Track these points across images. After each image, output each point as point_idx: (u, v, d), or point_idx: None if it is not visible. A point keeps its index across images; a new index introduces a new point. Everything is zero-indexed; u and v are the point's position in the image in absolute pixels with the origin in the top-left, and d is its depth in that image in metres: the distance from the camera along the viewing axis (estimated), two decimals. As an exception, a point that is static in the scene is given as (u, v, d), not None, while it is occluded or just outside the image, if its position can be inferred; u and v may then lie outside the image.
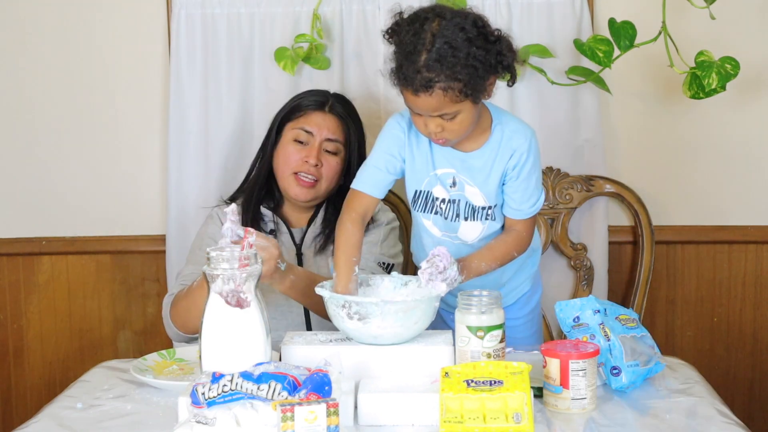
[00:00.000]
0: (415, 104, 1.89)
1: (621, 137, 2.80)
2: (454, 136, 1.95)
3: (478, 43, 1.84)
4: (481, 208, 2.06)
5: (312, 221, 2.39)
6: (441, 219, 2.09)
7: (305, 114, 2.37)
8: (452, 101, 1.86)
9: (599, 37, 2.55)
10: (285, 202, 2.41)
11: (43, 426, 1.73)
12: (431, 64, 1.82)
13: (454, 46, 1.82)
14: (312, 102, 2.39)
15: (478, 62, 1.84)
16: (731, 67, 2.46)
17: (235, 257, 1.69)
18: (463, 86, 1.84)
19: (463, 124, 1.92)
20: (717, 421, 1.69)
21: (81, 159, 2.85)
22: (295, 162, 2.32)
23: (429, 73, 1.83)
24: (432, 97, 1.85)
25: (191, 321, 2.12)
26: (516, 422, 1.58)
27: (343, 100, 2.43)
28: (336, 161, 2.35)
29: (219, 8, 2.72)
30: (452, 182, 2.05)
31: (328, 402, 1.51)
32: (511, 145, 2.01)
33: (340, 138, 2.36)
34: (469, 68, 1.83)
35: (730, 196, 2.80)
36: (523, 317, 2.28)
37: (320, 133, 2.34)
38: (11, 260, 2.89)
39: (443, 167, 2.04)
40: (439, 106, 1.87)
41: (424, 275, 1.86)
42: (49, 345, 2.91)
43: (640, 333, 1.91)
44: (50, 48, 2.81)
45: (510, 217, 2.07)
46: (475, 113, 1.93)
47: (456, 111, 1.89)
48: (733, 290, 2.83)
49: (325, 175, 2.33)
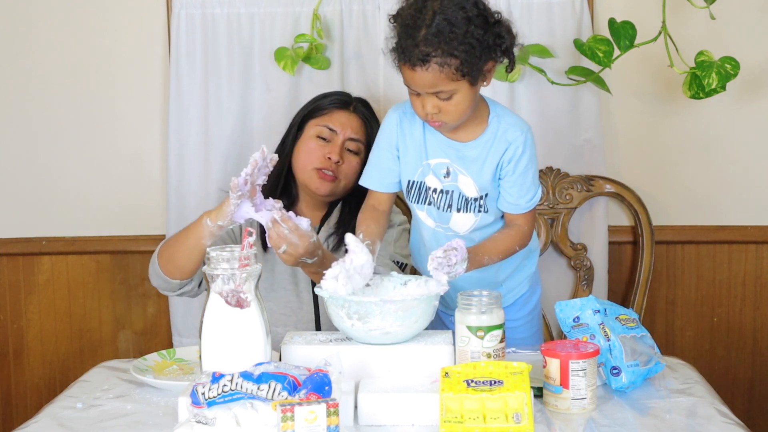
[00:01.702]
0: (413, 80, 1.91)
1: (621, 137, 2.80)
2: (450, 118, 1.96)
3: (477, 22, 1.87)
4: (473, 199, 2.07)
5: (325, 220, 2.39)
6: (434, 209, 2.10)
7: (329, 112, 2.38)
8: (448, 78, 1.88)
9: (599, 37, 2.55)
10: (300, 200, 2.42)
11: (43, 426, 1.73)
12: (429, 38, 1.85)
13: (453, 23, 1.85)
14: (336, 101, 2.41)
15: (475, 41, 1.87)
16: (731, 67, 2.46)
17: (235, 257, 1.69)
18: (460, 63, 1.86)
19: (459, 106, 1.94)
20: (717, 421, 1.69)
21: (81, 159, 2.85)
22: (317, 158, 2.33)
23: (426, 47, 1.85)
24: (428, 72, 1.87)
25: (176, 255, 2.13)
26: (516, 422, 1.58)
27: (365, 103, 2.46)
28: (356, 161, 2.36)
29: (219, 8, 2.72)
30: (446, 172, 2.06)
31: (328, 402, 1.51)
32: (506, 137, 2.02)
33: (362, 138, 2.37)
34: (466, 46, 1.86)
35: (730, 196, 2.80)
36: (523, 318, 2.28)
37: (344, 131, 2.35)
38: (11, 260, 2.89)
39: (437, 157, 2.06)
40: (435, 82, 1.89)
41: (434, 263, 1.86)
42: (49, 345, 2.91)
43: (640, 333, 1.91)
44: (50, 48, 2.81)
45: (509, 213, 2.08)
46: (471, 97, 1.95)
47: (452, 90, 1.90)
48: (733, 290, 2.83)
49: (344, 173, 2.35)
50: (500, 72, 2.60)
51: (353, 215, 2.31)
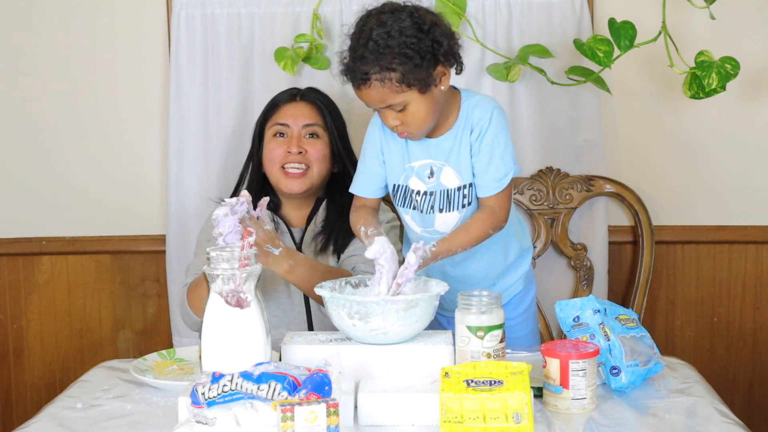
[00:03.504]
0: (363, 99, 1.96)
1: (621, 137, 2.80)
2: (414, 129, 1.98)
3: (409, 32, 1.89)
4: (456, 189, 2.07)
5: (311, 219, 2.39)
6: (418, 214, 2.11)
7: (278, 109, 2.39)
8: (393, 91, 1.91)
9: (599, 37, 2.55)
10: (284, 203, 2.42)
11: (43, 426, 1.73)
12: (366, 57, 1.89)
13: (387, 38, 1.88)
14: (283, 96, 2.41)
15: (410, 50, 1.89)
16: (731, 67, 2.46)
17: (235, 257, 1.69)
18: (401, 75, 1.89)
19: (417, 115, 1.95)
20: (716, 420, 1.69)
21: (81, 159, 2.85)
22: (279, 155, 2.33)
23: (364, 65, 1.90)
24: (372, 89, 1.91)
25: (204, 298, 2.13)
26: (516, 422, 1.58)
27: (314, 90, 2.45)
28: (320, 144, 2.35)
29: (219, 8, 2.72)
30: (429, 172, 2.08)
31: (328, 402, 1.50)
32: (472, 118, 2.04)
33: (318, 122, 2.37)
34: (401, 57, 1.88)
35: (730, 196, 2.80)
36: (518, 317, 2.28)
37: (296, 122, 2.35)
38: (11, 260, 2.89)
39: (419, 159, 2.07)
40: (382, 98, 1.92)
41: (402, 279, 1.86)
42: (49, 345, 2.92)
43: (640, 333, 1.91)
44: (50, 48, 2.81)
45: (481, 196, 2.06)
46: (428, 104, 1.95)
47: (403, 102, 1.93)
48: (733, 290, 2.83)
49: (313, 159, 2.34)
50: (500, 72, 2.63)
51: (339, 212, 2.32)
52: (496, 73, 2.64)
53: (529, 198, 2.75)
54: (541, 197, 2.75)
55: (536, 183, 2.74)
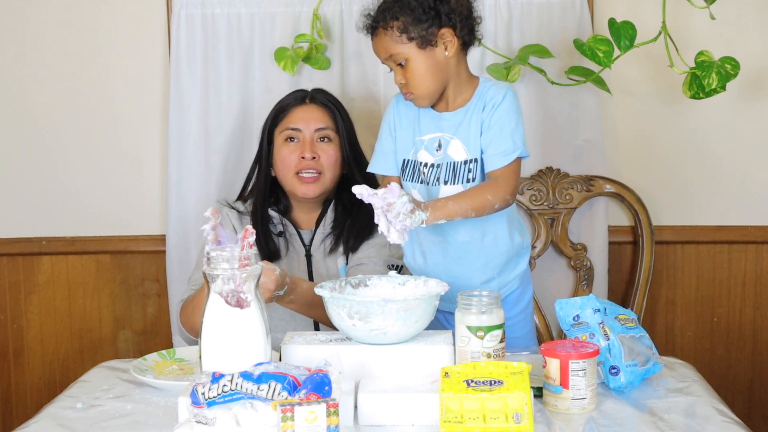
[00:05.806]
0: (374, 49, 2.11)
1: (621, 137, 2.80)
2: (414, 88, 2.07)
3: None
4: (462, 162, 2.09)
5: (320, 222, 2.39)
6: (424, 187, 2.14)
7: (288, 113, 2.38)
8: (393, 41, 2.04)
9: (599, 37, 2.55)
10: (293, 205, 2.41)
11: (43, 426, 1.73)
12: (380, 9, 2.07)
13: None
14: (292, 100, 2.40)
15: (415, 2, 2.03)
16: (731, 67, 2.46)
17: (235, 257, 1.69)
18: (402, 25, 2.03)
19: (416, 72, 2.05)
20: (716, 420, 1.69)
21: (81, 159, 2.85)
22: (293, 162, 2.33)
23: (376, 15, 2.07)
24: (378, 38, 2.08)
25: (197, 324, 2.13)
26: (516, 422, 1.58)
27: (323, 92, 2.44)
28: (332, 148, 2.35)
29: (219, 8, 2.72)
30: (438, 145, 2.12)
31: (328, 402, 1.50)
32: (486, 96, 2.11)
33: (329, 125, 2.36)
34: (405, 8, 2.03)
35: (730, 196, 2.80)
36: (515, 317, 2.28)
37: (308, 126, 2.35)
38: (11, 260, 2.89)
39: (429, 133, 2.14)
40: (385, 47, 2.06)
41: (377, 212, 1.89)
42: (49, 345, 2.92)
43: (639, 333, 1.91)
44: (50, 48, 2.81)
45: (488, 170, 2.08)
46: (429, 63, 2.05)
47: (402, 54, 2.04)
48: (733, 290, 2.84)
49: (325, 165, 2.34)
50: (500, 72, 2.63)
51: (347, 213, 2.32)
52: (496, 73, 2.64)
53: (529, 198, 2.75)
54: (541, 197, 2.75)
55: (536, 183, 2.75)
